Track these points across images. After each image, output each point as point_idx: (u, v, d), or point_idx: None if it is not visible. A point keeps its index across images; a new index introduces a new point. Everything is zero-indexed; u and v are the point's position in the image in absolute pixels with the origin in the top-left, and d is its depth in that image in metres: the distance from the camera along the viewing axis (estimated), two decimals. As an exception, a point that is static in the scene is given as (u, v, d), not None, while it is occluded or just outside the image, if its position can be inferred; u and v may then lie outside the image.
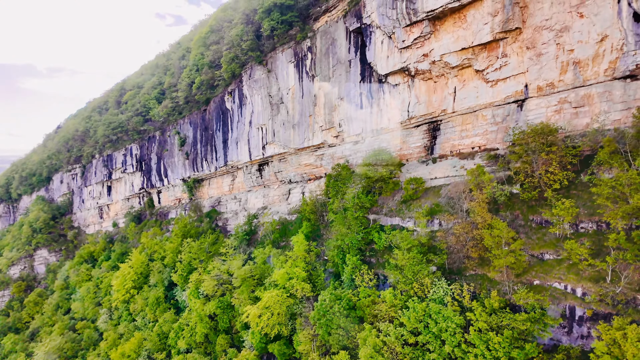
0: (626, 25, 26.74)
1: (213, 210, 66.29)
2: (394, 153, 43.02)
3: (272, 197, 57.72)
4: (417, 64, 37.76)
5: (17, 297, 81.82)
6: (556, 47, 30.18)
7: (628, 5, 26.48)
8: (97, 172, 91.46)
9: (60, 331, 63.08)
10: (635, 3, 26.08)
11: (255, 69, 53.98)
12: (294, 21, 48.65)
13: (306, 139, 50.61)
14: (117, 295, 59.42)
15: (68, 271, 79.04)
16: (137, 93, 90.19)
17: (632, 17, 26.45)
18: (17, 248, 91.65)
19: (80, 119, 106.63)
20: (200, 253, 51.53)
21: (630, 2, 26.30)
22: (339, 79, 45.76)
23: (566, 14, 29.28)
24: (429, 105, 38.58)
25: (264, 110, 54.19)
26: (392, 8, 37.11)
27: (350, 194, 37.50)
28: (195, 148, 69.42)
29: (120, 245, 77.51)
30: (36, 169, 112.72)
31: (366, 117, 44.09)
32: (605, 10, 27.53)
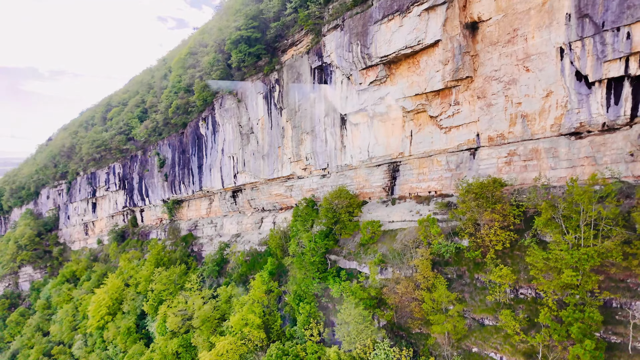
0: (569, 84, 26.28)
1: (189, 234, 66.15)
2: (357, 191, 42.75)
3: (245, 224, 57.51)
4: (374, 107, 37.41)
5: (1, 315, 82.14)
6: (505, 99, 29.76)
7: (570, 64, 26.02)
8: (81, 189, 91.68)
9: (36, 355, 63.28)
10: (577, 62, 25.62)
11: (226, 98, 53.79)
12: (262, 53, 48.36)
13: (276, 169, 50.36)
14: (92, 322, 59.41)
15: (50, 290, 79.27)
16: (122, 110, 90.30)
17: (575, 75, 25.99)
18: (2, 265, 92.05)
19: (68, 133, 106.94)
20: (169, 284, 51.44)
21: (572, 61, 25.84)
22: (304, 113, 45.46)
23: (513, 66, 28.85)
24: (388, 147, 38.18)
25: (234, 139, 54.01)
26: (348, 51, 36.75)
27: (307, 238, 37.17)
28: (174, 170, 69.31)
29: (101, 265, 77.56)
30: (25, 182, 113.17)
31: (331, 153, 43.75)
32: (549, 66, 27.08)
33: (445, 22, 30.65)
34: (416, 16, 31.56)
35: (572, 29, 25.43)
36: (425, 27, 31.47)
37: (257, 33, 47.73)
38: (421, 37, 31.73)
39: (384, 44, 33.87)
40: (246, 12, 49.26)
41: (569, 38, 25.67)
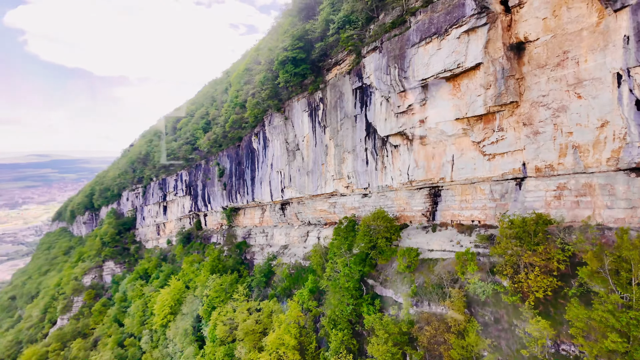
0: (627, 114, 23.12)
1: (244, 242, 69.53)
2: (398, 213, 41.72)
3: (292, 236, 59.03)
4: (414, 130, 36.14)
5: (88, 303, 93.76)
6: (554, 127, 27.03)
7: (629, 92, 22.87)
8: (154, 193, 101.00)
9: (112, 345, 71.32)
10: (637, 90, 22.44)
11: (274, 116, 55.66)
12: (307, 73, 49.14)
13: (319, 186, 50.96)
14: (157, 319, 65.39)
15: (126, 285, 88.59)
16: (189, 121, 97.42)
17: (635, 105, 22.78)
18: (90, 258, 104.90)
19: (144, 141, 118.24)
20: (220, 292, 54.76)
21: (632, 89, 22.68)
22: (346, 133, 45.37)
23: (563, 92, 26.09)
24: (428, 171, 36.68)
25: (282, 155, 55.67)
26: (386, 74, 35.94)
27: (341, 263, 37.16)
28: (231, 180, 73.33)
29: (168, 265, 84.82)
30: (110, 184, 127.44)
31: (371, 173, 43.17)
32: (604, 93, 24.07)
33: (486, 44, 28.68)
34: (455, 39, 29.92)
35: (630, 53, 22.31)
36: (465, 50, 29.71)
37: (302, 53, 48.54)
38: (461, 60, 30.01)
39: (422, 67, 32.60)
40: (293, 32, 50.34)
41: (627, 63, 22.56)
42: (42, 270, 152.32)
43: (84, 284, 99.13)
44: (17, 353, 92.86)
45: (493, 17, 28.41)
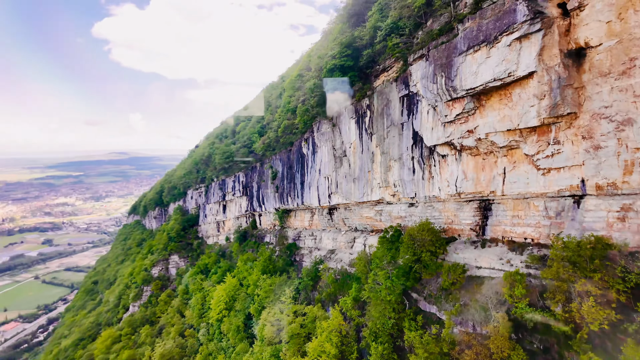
0: None
1: (294, 243, 71.35)
2: (445, 225, 40.26)
3: (339, 241, 59.43)
4: (462, 140, 34.59)
5: (155, 293, 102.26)
6: (617, 142, 24.43)
7: None
8: (214, 193, 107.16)
9: (174, 334, 77.21)
10: None
11: (322, 122, 56.35)
12: (354, 80, 49.09)
13: (365, 193, 50.74)
14: (213, 314, 69.60)
15: (188, 279, 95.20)
16: (247, 125, 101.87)
17: None
18: (158, 251, 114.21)
19: (207, 143, 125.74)
20: (269, 292, 56.85)
21: None
22: (392, 141, 44.65)
23: (629, 103, 23.50)
24: (477, 183, 34.95)
25: (329, 161, 56.20)
26: (432, 82, 34.79)
27: (383, 276, 36.72)
28: (283, 183, 75.56)
29: (226, 262, 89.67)
30: (177, 183, 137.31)
31: (418, 182, 42.10)
32: (679, 107, 21.26)
33: (541, 51, 26.65)
34: (505, 46, 28.14)
35: None
36: (516, 58, 27.84)
37: (350, 61, 48.57)
38: (512, 69, 28.18)
39: (470, 76, 31.10)
40: (341, 40, 50.56)
41: None
42: (118, 259, 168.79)
43: (153, 275, 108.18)
44: (96, 333, 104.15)
45: (548, 22, 26.30)
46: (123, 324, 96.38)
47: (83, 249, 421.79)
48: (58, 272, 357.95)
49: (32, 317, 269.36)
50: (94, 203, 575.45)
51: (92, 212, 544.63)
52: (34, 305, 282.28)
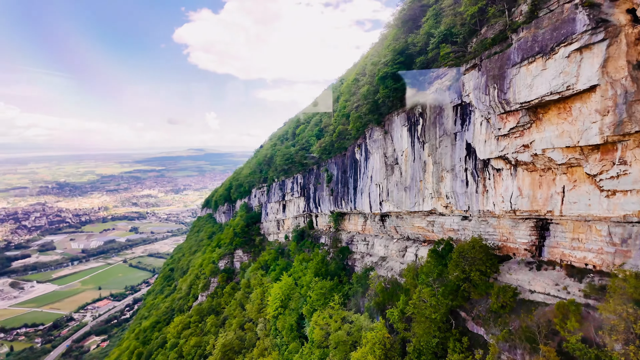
0: None
1: (346, 247, 72.03)
2: (500, 242, 38.11)
3: (391, 249, 58.87)
4: (517, 155, 32.49)
5: (220, 285, 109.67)
6: (696, 167, 21.44)
7: None
8: (275, 193, 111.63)
9: (235, 326, 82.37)
10: None
11: (374, 130, 56.03)
12: (407, 87, 48.15)
13: (417, 203, 49.67)
14: (269, 310, 73.08)
15: (249, 273, 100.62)
16: (306, 127, 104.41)
17: None
18: (225, 245, 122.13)
19: (269, 144, 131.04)
20: (320, 296, 58.26)
21: None
22: (445, 150, 43.15)
23: None
24: (533, 201, 32.61)
25: (380, 169, 55.79)
26: (485, 94, 33.07)
27: (428, 294, 35.81)
28: (337, 187, 76.52)
29: (283, 260, 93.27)
30: (243, 181, 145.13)
31: (471, 195, 40.28)
32: None
33: (605, 62, 24.23)
34: (563, 58, 25.93)
35: None
36: (576, 70, 25.56)
37: (403, 68, 47.75)
38: (571, 82, 25.92)
39: (524, 89, 29.11)
40: (394, 47, 49.83)
41: None
42: (191, 250, 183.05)
43: (219, 268, 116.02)
44: (170, 318, 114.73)
45: (614, 31, 23.79)
46: (192, 311, 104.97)
47: (163, 237, 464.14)
48: (142, 257, 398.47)
49: (121, 297, 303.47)
50: (173, 195, 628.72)
51: (172, 203, 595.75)
52: (122, 286, 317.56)
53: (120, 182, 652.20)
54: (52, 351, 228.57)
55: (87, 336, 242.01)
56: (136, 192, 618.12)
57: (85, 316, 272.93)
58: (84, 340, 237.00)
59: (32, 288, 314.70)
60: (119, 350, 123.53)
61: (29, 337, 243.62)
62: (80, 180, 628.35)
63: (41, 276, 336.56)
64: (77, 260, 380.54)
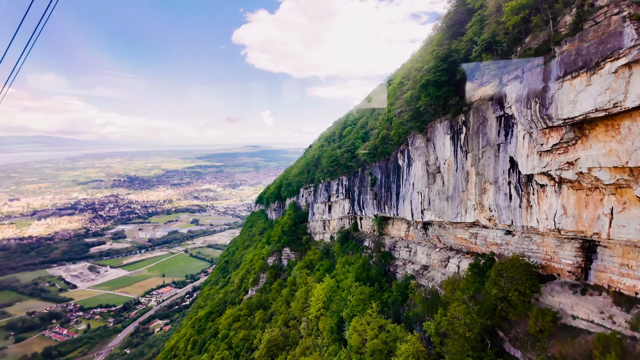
0: None
1: (389, 252, 71.67)
2: (543, 261, 36.16)
3: (433, 258, 57.77)
4: (561, 172, 30.65)
5: (269, 281, 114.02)
6: None
7: None
8: (321, 194, 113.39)
9: (280, 323, 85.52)
10: None
11: (416, 137, 55.13)
12: (449, 96, 46.89)
13: (459, 214, 48.31)
14: (312, 310, 75.01)
15: (295, 272, 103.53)
16: (352, 129, 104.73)
17: None
18: (274, 242, 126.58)
19: (317, 145, 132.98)
20: (359, 302, 58.77)
21: None
22: (488, 162, 41.59)
23: None
24: (579, 221, 30.60)
25: (422, 177, 54.82)
26: (526, 107, 31.55)
27: (462, 311, 34.90)
28: (381, 191, 76.22)
29: (327, 261, 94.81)
30: (292, 180, 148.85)
31: (515, 210, 38.53)
32: None
33: (658, 78, 22.28)
34: (610, 73, 24.15)
35: None
36: (624, 87, 23.72)
37: (445, 76, 46.49)
38: (618, 99, 24.11)
39: (567, 104, 27.45)
40: (437, 53, 48.65)
41: None
42: (244, 244, 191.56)
43: (268, 264, 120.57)
44: (222, 309, 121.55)
45: (668, 44, 21.78)
46: (242, 305, 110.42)
47: (221, 229, 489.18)
48: (202, 247, 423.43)
49: (182, 284, 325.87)
50: (230, 190, 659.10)
51: (229, 197, 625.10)
52: (183, 274, 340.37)
53: (183, 177, 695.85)
54: (122, 331, 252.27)
55: (151, 319, 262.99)
56: (197, 186, 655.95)
57: (150, 300, 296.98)
58: (149, 323, 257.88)
59: (106, 272, 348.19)
60: (177, 336, 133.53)
61: (103, 317, 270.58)
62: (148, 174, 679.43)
63: (114, 262, 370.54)
64: (144, 248, 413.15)
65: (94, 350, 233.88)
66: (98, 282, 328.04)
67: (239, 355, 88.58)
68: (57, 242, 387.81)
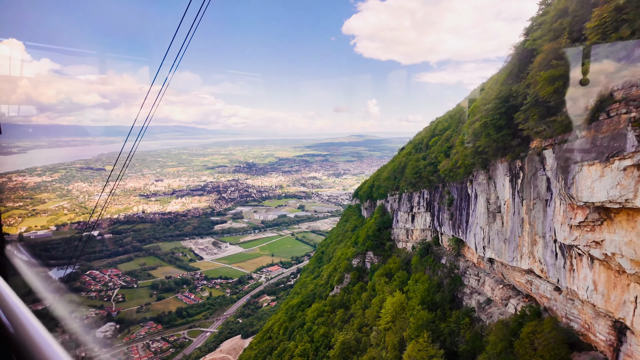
0: None
1: (458, 277, 71.59)
2: (582, 329, 35.02)
3: (496, 294, 56.92)
4: (588, 249, 29.86)
5: (352, 281, 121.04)
6: None
7: None
8: (404, 203, 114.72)
9: (356, 326, 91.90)
10: None
11: (479, 172, 54.64)
12: (507, 140, 46.09)
13: (515, 258, 47.56)
14: (381, 322, 79.47)
15: (375, 278, 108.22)
16: (438, 140, 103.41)
17: None
18: (359, 244, 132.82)
19: (404, 152, 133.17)
20: (417, 327, 61.35)
21: None
22: (538, 215, 40.71)
23: None
24: (607, 300, 29.60)
25: (484, 213, 54.30)
26: (555, 179, 31.22)
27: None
28: (456, 213, 75.82)
29: (403, 273, 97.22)
30: (381, 184, 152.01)
31: (560, 269, 37.55)
32: None
33: (665, 185, 21.72)
34: (619, 170, 23.80)
35: None
36: (633, 186, 23.31)
37: (502, 120, 45.81)
38: (628, 196, 23.75)
39: (586, 189, 27.16)
40: (499, 92, 47.83)
41: None
42: (338, 238, 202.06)
43: (352, 265, 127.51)
44: (311, 301, 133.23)
45: (674, 154, 21.08)
46: (327, 301, 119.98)
47: (324, 216, 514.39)
48: (306, 232, 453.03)
49: (288, 265, 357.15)
50: (334, 179, 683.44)
51: (333, 186, 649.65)
52: (289, 256, 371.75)
53: (292, 165, 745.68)
54: (236, 302, 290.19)
55: (261, 294, 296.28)
56: (304, 174, 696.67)
57: (261, 277, 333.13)
58: (259, 297, 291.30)
59: (226, 248, 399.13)
60: (274, 318, 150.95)
61: (222, 287, 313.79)
62: (263, 161, 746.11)
63: (232, 239, 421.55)
64: (257, 229, 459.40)
65: (214, 315, 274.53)
66: (219, 256, 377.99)
67: (318, 349, 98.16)
68: (189, 218, 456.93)
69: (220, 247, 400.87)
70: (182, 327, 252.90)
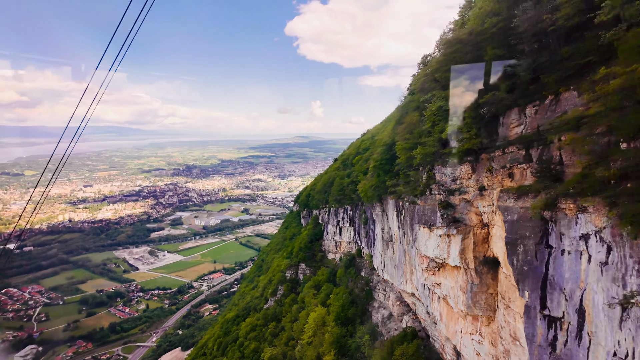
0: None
1: (370, 292, 78.73)
2: (440, 348, 42.29)
3: (395, 310, 64.28)
4: (434, 288, 36.71)
5: (285, 293, 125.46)
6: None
7: None
8: (332, 217, 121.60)
9: (284, 340, 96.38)
10: None
11: (376, 204, 61.55)
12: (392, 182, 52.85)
13: (402, 282, 54.70)
14: (305, 336, 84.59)
15: (305, 290, 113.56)
16: (360, 159, 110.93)
17: None
18: (292, 256, 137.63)
19: (335, 166, 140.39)
20: (331, 344, 67.22)
21: None
22: (411, 250, 47.60)
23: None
24: (447, 328, 36.63)
25: (380, 240, 61.35)
26: (402, 233, 37.69)
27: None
28: (369, 232, 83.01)
29: (329, 285, 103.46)
30: (315, 196, 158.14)
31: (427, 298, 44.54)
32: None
33: (462, 251, 28.38)
34: (437, 236, 30.35)
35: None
36: (446, 249, 29.93)
37: (388, 165, 52.59)
38: (444, 256, 30.32)
39: (422, 245, 33.75)
40: (386, 140, 54.70)
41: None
42: (277, 247, 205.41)
43: (286, 277, 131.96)
44: (246, 315, 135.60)
45: (465, 230, 27.75)
46: (260, 314, 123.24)
47: (269, 219, 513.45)
48: (251, 236, 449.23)
49: (231, 271, 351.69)
50: (280, 180, 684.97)
51: (278, 188, 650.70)
52: (233, 261, 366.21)
53: (236, 167, 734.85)
54: (176, 312, 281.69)
55: (202, 303, 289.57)
56: (249, 176, 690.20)
57: (202, 285, 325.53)
58: (200, 306, 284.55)
59: (164, 257, 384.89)
60: (209, 334, 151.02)
61: (160, 298, 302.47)
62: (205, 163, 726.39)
63: (171, 247, 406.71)
64: (198, 235, 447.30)
65: (152, 329, 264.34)
66: (156, 266, 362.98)
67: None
68: (122, 226, 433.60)
69: (157, 256, 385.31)
70: (116, 343, 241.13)
